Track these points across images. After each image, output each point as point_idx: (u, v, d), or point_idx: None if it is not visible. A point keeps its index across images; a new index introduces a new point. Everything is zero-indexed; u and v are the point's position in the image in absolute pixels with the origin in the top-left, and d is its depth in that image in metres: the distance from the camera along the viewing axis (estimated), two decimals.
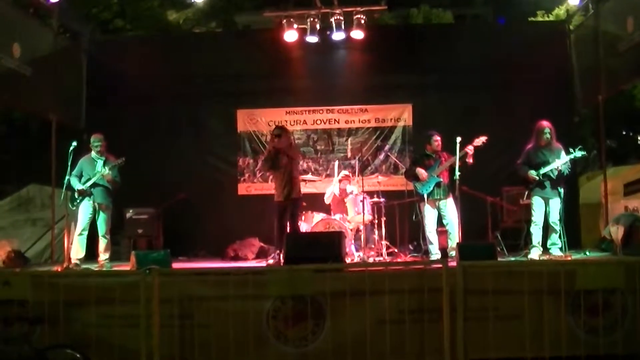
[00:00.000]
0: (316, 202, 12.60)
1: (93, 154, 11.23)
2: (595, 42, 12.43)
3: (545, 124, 10.65)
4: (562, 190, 10.46)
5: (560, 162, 10.38)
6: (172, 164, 13.71)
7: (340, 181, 12.61)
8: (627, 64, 11.40)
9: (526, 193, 10.76)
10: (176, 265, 9.62)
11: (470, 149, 10.55)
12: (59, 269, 9.89)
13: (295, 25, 13.81)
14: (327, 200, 12.56)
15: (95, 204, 11.05)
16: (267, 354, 7.38)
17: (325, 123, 14.63)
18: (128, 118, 13.73)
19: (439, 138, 11.13)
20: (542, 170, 10.45)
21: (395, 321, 7.34)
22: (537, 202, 10.57)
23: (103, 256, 10.87)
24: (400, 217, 12.34)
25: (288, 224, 10.64)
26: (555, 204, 10.50)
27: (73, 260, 10.57)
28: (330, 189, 12.56)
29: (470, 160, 10.58)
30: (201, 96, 14.14)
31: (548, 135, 10.59)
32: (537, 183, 10.49)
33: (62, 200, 11.12)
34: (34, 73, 11.80)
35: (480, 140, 10.65)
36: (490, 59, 13.46)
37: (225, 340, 7.26)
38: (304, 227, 11.85)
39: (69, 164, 10.80)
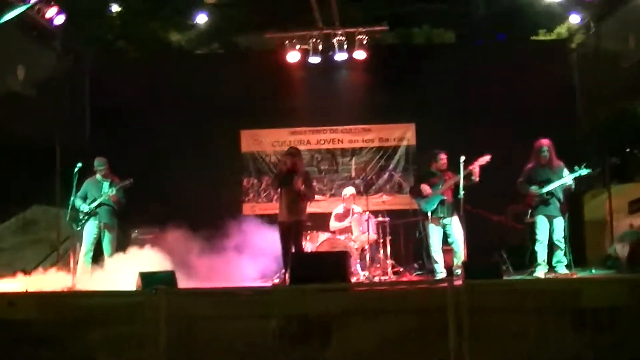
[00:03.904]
0: (321, 221, 12.60)
1: (98, 176, 11.29)
2: (597, 60, 12.46)
3: (544, 142, 10.70)
4: (565, 209, 10.50)
5: (565, 180, 10.41)
6: (176, 184, 13.68)
7: (345, 200, 12.62)
8: (629, 81, 11.42)
9: (529, 212, 10.77)
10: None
11: (474, 167, 10.58)
12: (65, 290, 9.88)
13: (297, 46, 13.91)
14: (333, 228, 12.57)
15: (101, 224, 11.11)
16: None
17: (329, 143, 14.66)
18: (132, 139, 13.72)
19: (445, 156, 11.16)
20: (545, 189, 10.47)
21: (401, 340, 7.32)
22: (540, 221, 10.59)
23: None
24: (405, 236, 12.39)
25: (292, 244, 10.67)
26: (559, 222, 10.53)
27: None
28: (335, 225, 12.58)
29: (476, 178, 10.60)
30: (204, 117, 14.14)
31: (546, 154, 10.63)
32: (540, 201, 10.52)
33: (67, 221, 11.14)
34: (37, 95, 11.85)
35: (484, 159, 10.68)
36: (492, 77, 13.48)
37: (231, 359, 7.26)
38: (309, 246, 11.87)
39: (74, 185, 10.84)
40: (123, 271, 10.53)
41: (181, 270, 9.86)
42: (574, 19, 13.86)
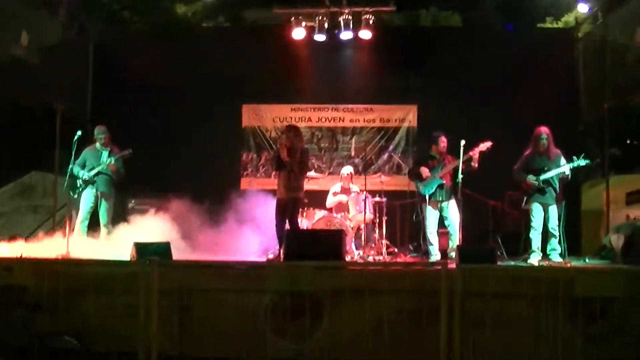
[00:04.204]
0: (318, 199, 12.61)
1: (97, 145, 11.30)
2: (602, 51, 12.42)
3: (543, 129, 10.67)
4: (562, 196, 10.52)
5: (562, 169, 10.42)
6: (175, 155, 13.71)
7: (343, 179, 12.63)
8: (634, 74, 11.39)
9: (525, 199, 10.78)
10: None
11: (475, 153, 10.58)
12: (60, 257, 9.90)
13: (303, 23, 13.87)
14: (329, 204, 12.56)
15: (98, 192, 11.14)
16: (264, 347, 7.39)
17: (330, 121, 14.65)
18: (133, 110, 13.72)
19: (445, 140, 11.15)
20: (542, 177, 10.48)
21: (393, 321, 7.34)
22: (536, 208, 10.61)
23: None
24: (401, 217, 12.41)
25: (288, 221, 10.67)
26: (554, 210, 10.55)
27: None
28: (332, 199, 12.58)
29: (475, 164, 10.61)
30: (207, 90, 14.11)
31: (545, 142, 10.62)
32: (536, 189, 10.53)
33: (64, 188, 11.15)
34: (41, 62, 11.83)
35: (485, 145, 10.68)
36: (497, 63, 13.44)
37: (223, 333, 7.31)
38: (305, 223, 11.87)
39: (73, 153, 10.84)
40: (118, 240, 10.58)
41: (177, 242, 9.89)
42: (582, 8, 13.82)
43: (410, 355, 7.30)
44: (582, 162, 10.36)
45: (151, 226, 10.94)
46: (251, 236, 11.91)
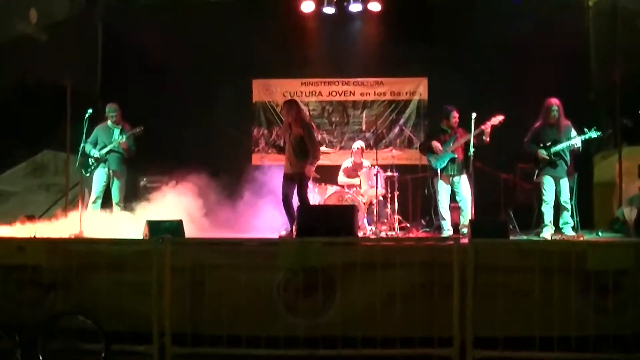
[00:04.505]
0: (330, 174, 12.61)
1: (109, 122, 11.31)
2: (613, 18, 12.32)
3: (554, 101, 10.60)
4: (573, 169, 10.50)
5: (573, 142, 10.37)
6: (186, 132, 13.74)
7: (353, 153, 12.62)
8: None
9: (536, 172, 10.72)
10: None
11: (487, 127, 10.54)
12: (73, 236, 9.94)
13: None
14: (341, 183, 12.56)
15: (110, 171, 11.17)
16: (277, 324, 7.40)
17: (340, 95, 14.62)
18: (143, 86, 13.69)
19: (457, 114, 11.09)
20: (553, 150, 10.43)
21: (406, 295, 7.36)
22: (547, 182, 10.56)
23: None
24: (413, 191, 12.41)
25: (297, 196, 10.70)
26: (565, 183, 10.51)
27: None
28: (343, 179, 12.59)
29: (487, 138, 10.57)
30: (217, 65, 14.10)
31: (556, 113, 10.55)
32: (547, 162, 10.48)
33: (76, 167, 11.17)
34: (49, 39, 11.82)
35: (497, 119, 10.63)
36: (507, 33, 13.30)
37: (235, 310, 7.31)
38: (317, 199, 11.89)
39: (84, 131, 10.86)
40: (131, 218, 10.62)
41: (189, 219, 9.92)
42: None
43: (422, 329, 7.31)
44: (594, 134, 10.30)
45: (163, 203, 10.98)
46: (264, 212, 11.95)
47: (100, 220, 10.89)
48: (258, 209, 11.95)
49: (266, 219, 11.87)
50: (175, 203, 10.92)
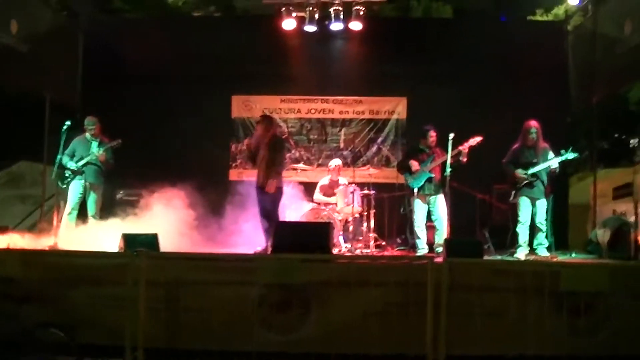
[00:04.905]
0: (307, 191, 12.64)
1: (87, 135, 11.28)
2: (592, 43, 12.45)
3: (533, 123, 10.72)
4: (550, 190, 10.58)
5: (550, 163, 10.46)
6: (164, 146, 13.74)
7: (331, 171, 12.65)
8: (623, 66, 11.43)
9: (513, 193, 10.83)
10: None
11: (465, 148, 10.60)
12: (47, 248, 9.89)
13: (294, 14, 13.84)
14: (317, 200, 12.58)
15: (87, 183, 11.13)
16: (252, 340, 7.36)
17: (319, 113, 14.67)
18: (123, 98, 13.71)
19: (434, 134, 11.14)
20: (531, 171, 10.52)
21: (380, 313, 7.35)
22: (523, 202, 10.65)
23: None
24: (389, 210, 12.44)
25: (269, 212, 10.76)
26: (542, 205, 10.60)
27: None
28: (319, 197, 12.61)
29: (464, 159, 10.63)
30: (197, 80, 14.11)
31: (534, 135, 10.67)
32: (524, 183, 10.57)
33: (53, 178, 11.13)
34: (30, 50, 11.78)
35: (475, 140, 10.70)
36: (487, 56, 13.44)
37: (210, 325, 7.29)
38: (293, 216, 11.90)
39: (62, 143, 10.83)
40: (107, 231, 10.56)
41: (165, 233, 9.89)
42: (573, 0, 13.84)
43: (397, 346, 7.31)
44: (571, 155, 10.40)
45: (139, 217, 10.95)
46: (241, 227, 11.92)
47: (75, 232, 10.84)
48: (235, 224, 11.93)
49: (243, 234, 11.85)
50: (151, 217, 10.89)
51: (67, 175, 11.13)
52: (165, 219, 10.93)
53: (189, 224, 11.39)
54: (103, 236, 10.37)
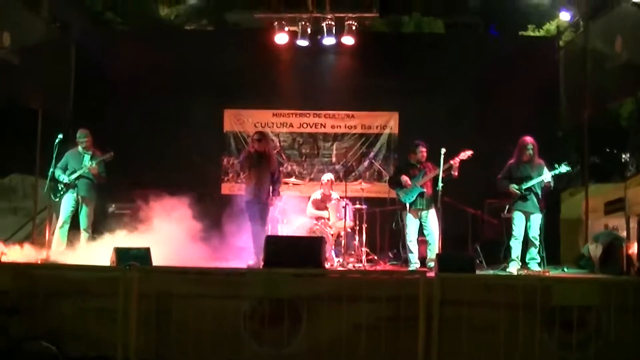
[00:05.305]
0: (298, 206, 12.61)
1: (79, 148, 11.26)
2: (583, 59, 12.50)
3: (529, 139, 10.75)
4: (542, 205, 10.60)
5: (544, 177, 10.49)
6: (157, 160, 13.71)
7: (323, 185, 12.66)
8: (614, 82, 11.46)
9: (507, 207, 10.86)
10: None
11: (455, 162, 10.63)
12: (39, 261, 9.87)
13: (286, 28, 13.86)
14: (309, 215, 12.57)
15: (79, 197, 11.10)
16: (242, 353, 7.40)
17: (311, 127, 14.67)
18: (115, 111, 13.67)
19: (424, 149, 11.17)
20: (525, 185, 10.55)
21: (372, 327, 7.36)
22: (517, 217, 10.67)
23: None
24: (381, 224, 12.43)
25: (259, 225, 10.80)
26: (536, 219, 10.61)
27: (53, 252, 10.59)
28: (312, 212, 12.60)
29: (455, 173, 10.65)
30: (189, 93, 14.15)
31: (531, 152, 10.70)
32: (519, 197, 10.59)
33: (45, 191, 11.12)
34: (22, 62, 11.76)
35: (466, 154, 10.72)
36: (479, 70, 13.50)
37: (201, 338, 7.29)
38: (285, 230, 11.90)
39: (54, 155, 10.84)
40: (98, 245, 10.55)
41: (157, 247, 9.87)
42: (564, 16, 13.94)
43: None
44: (564, 169, 10.46)
45: (131, 231, 10.93)
46: (233, 241, 11.90)
47: (67, 246, 10.83)
48: (226, 238, 11.92)
49: (235, 248, 11.83)
50: (144, 230, 10.87)
51: (59, 188, 11.11)
52: (157, 233, 10.92)
53: (181, 237, 11.38)
54: (95, 250, 10.37)
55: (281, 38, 13.90)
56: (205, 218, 12.00)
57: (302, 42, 13.86)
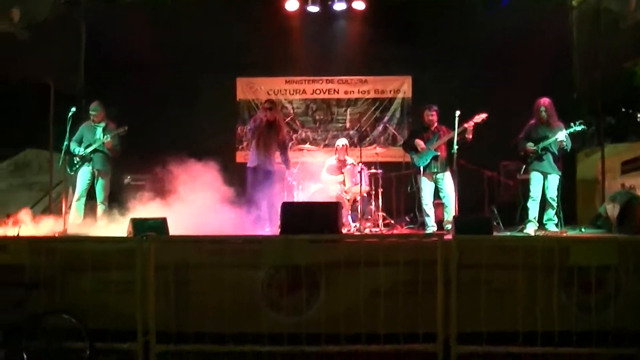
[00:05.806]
0: (314, 171, 12.60)
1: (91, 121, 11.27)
2: (596, 19, 12.38)
3: (542, 101, 10.71)
4: (560, 166, 10.55)
5: (558, 135, 10.42)
6: (170, 131, 13.69)
7: (338, 151, 12.62)
8: (627, 42, 11.37)
9: (523, 167, 10.84)
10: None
11: (470, 125, 10.58)
12: (56, 234, 9.90)
13: None
14: (324, 180, 12.54)
15: (94, 170, 11.13)
16: (261, 321, 7.39)
17: (324, 93, 14.63)
18: (127, 84, 13.62)
19: (434, 113, 11.14)
20: (542, 145, 10.49)
21: (389, 292, 7.35)
22: (535, 177, 10.64)
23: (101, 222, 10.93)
24: (397, 188, 12.44)
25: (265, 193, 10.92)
26: (554, 180, 10.57)
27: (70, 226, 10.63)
28: (327, 177, 12.57)
29: (469, 136, 10.62)
30: (201, 64, 14.08)
31: (544, 114, 10.65)
32: (535, 157, 10.55)
33: (60, 165, 11.14)
34: (32, 38, 11.75)
35: (480, 117, 10.68)
36: (491, 33, 13.36)
37: (219, 308, 7.28)
38: (301, 196, 11.89)
39: (68, 129, 10.83)
40: (115, 217, 10.58)
41: (173, 217, 9.89)
42: None
43: (406, 325, 7.31)
44: (578, 128, 10.44)
45: (147, 201, 10.95)
46: (247, 210, 11.90)
47: (84, 218, 10.86)
48: (242, 206, 11.92)
49: (253, 216, 11.84)
50: (160, 201, 10.88)
51: (75, 162, 11.15)
52: (173, 203, 10.94)
53: (197, 207, 11.39)
54: (111, 221, 10.40)
55: (291, 5, 13.80)
56: (221, 187, 12.01)
57: (313, 8, 13.77)
